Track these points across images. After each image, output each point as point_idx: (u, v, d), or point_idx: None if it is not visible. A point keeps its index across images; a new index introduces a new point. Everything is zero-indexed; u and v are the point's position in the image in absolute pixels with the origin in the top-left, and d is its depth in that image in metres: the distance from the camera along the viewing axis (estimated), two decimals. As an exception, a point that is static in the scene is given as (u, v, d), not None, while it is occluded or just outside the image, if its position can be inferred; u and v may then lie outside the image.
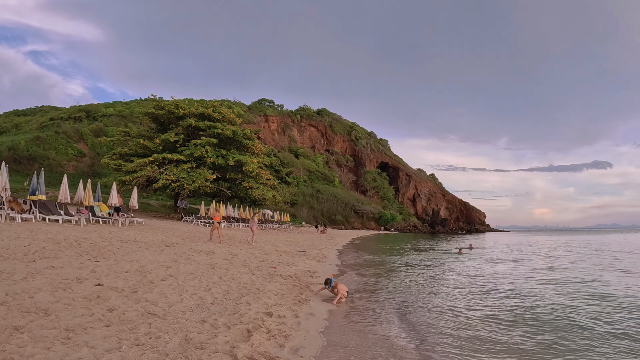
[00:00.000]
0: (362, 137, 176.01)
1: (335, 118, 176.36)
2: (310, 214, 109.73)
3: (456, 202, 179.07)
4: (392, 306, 12.45)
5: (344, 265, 23.72)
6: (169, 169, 48.04)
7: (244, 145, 56.72)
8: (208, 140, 50.18)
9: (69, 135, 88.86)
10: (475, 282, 18.24)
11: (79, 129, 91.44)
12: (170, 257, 16.10)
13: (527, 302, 13.40)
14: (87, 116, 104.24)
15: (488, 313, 11.78)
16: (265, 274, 15.06)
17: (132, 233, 23.85)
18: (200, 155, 49.60)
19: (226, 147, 55.08)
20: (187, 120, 52.01)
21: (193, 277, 12.44)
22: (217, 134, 52.30)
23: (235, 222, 52.80)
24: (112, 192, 31.45)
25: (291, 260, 21.20)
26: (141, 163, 47.56)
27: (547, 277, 19.98)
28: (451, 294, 14.95)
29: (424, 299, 13.84)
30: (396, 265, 25.01)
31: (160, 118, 55.45)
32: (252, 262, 18.13)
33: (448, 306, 12.63)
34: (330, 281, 12.46)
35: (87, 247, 15.68)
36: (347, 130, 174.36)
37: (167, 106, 53.59)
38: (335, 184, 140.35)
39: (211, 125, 52.23)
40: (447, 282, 17.96)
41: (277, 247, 28.63)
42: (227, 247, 22.93)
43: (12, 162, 68.24)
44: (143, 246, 18.50)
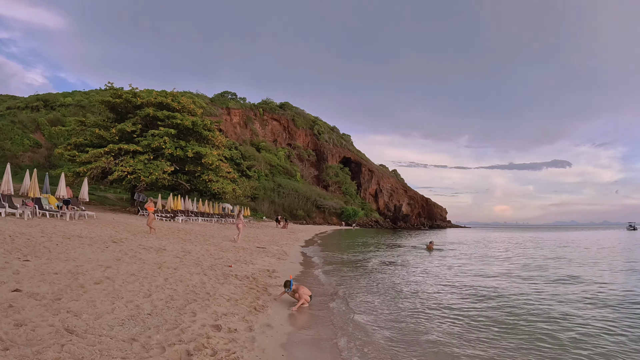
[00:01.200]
0: (325, 132, 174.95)
1: (297, 112, 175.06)
2: (271, 209, 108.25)
3: (418, 198, 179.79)
4: (363, 311, 11.24)
5: (307, 263, 22.39)
6: (125, 160, 46.12)
7: (204, 137, 54.86)
8: (166, 131, 48.33)
9: (25, 125, 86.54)
10: (453, 281, 17.29)
11: (36, 119, 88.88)
12: (113, 254, 14.60)
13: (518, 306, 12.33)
14: (44, 106, 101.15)
15: (479, 319, 10.71)
16: (218, 274, 13.70)
17: (79, 227, 22.13)
18: (158, 146, 47.73)
19: (185, 138, 53.22)
20: (145, 109, 50.14)
21: (134, 279, 11.00)
22: (176, 125, 50.44)
23: (194, 217, 51.03)
24: (61, 183, 29.56)
25: (249, 257, 19.82)
26: (96, 154, 45.52)
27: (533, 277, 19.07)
28: (426, 295, 13.79)
29: (396, 301, 12.67)
30: (365, 264, 23.88)
31: (117, 107, 53.30)
32: (206, 260, 16.72)
33: (425, 310, 11.49)
34: (289, 283, 11.23)
35: (21, 244, 14.06)
36: (310, 125, 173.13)
37: (124, 95, 51.52)
38: (297, 179, 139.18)
39: (170, 115, 50.39)
40: (423, 283, 16.83)
41: (236, 242, 27.21)
42: (181, 244, 21.43)
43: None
44: (87, 242, 16.91)
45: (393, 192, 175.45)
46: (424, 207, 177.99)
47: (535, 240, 59.77)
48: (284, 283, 11.40)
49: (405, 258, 28.51)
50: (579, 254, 33.65)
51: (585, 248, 42.23)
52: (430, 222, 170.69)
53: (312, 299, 11.59)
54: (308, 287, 12.39)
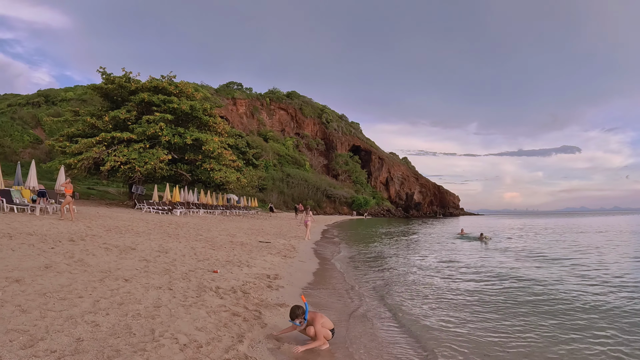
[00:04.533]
0: (333, 120, 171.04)
1: (305, 101, 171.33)
2: (280, 199, 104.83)
3: (430, 185, 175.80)
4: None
5: (322, 262, 17.99)
6: (118, 149, 42.26)
7: (204, 123, 50.61)
8: (162, 117, 44.19)
9: (26, 121, 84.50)
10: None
11: (36, 115, 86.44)
12: (50, 258, 10.53)
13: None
14: (45, 101, 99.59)
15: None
16: (192, 286, 9.49)
17: (42, 223, 18.10)
18: (153, 133, 43.66)
19: (184, 124, 49.04)
20: (140, 94, 46.04)
21: (40, 303, 6.86)
22: (173, 110, 46.19)
23: (195, 209, 47.25)
24: (31, 172, 25.62)
25: (246, 256, 15.58)
26: (87, 144, 41.62)
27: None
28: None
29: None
30: (398, 261, 19.52)
31: (110, 94, 49.21)
32: (185, 263, 12.57)
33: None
34: (303, 312, 6.94)
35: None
36: (318, 113, 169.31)
37: (117, 80, 47.48)
38: (306, 168, 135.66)
39: (166, 100, 46.20)
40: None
41: (234, 236, 23.03)
42: (161, 240, 17.30)
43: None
44: (32, 241, 12.91)
45: (404, 180, 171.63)
46: (435, 195, 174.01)
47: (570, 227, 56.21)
48: (291, 311, 6.99)
49: (467, 254, 24.12)
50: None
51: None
52: (442, 210, 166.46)
53: (333, 335, 7.34)
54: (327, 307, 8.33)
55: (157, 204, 41.81)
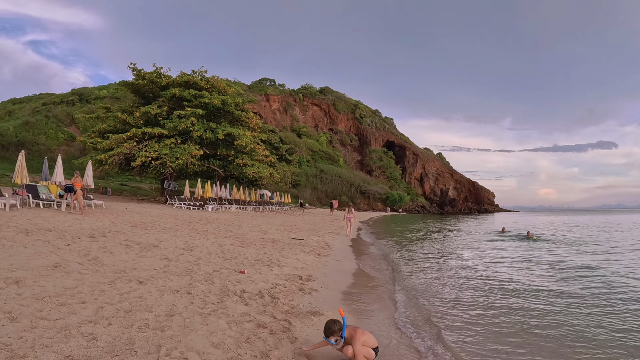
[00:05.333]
0: (367, 115, 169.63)
1: (338, 96, 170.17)
2: (313, 195, 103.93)
3: (464, 181, 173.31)
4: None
5: (359, 261, 16.71)
6: (149, 145, 41.69)
7: (237, 118, 49.82)
8: (193, 111, 43.50)
9: (60, 119, 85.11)
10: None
11: (70, 113, 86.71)
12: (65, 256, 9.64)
13: None
14: (79, 100, 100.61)
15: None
16: (214, 290, 8.43)
17: (65, 219, 17.32)
18: (185, 128, 43.02)
19: (216, 119, 48.32)
20: (171, 90, 45.45)
21: (34, 309, 5.86)
22: (205, 104, 45.51)
23: (228, 204, 46.46)
24: (57, 168, 24.94)
25: (277, 254, 14.49)
26: (118, 139, 41.20)
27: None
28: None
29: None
30: (444, 261, 18.15)
31: (141, 90, 48.86)
32: (210, 261, 11.55)
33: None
34: (341, 327, 5.74)
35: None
36: (351, 109, 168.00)
37: (147, 75, 46.93)
38: (340, 164, 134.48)
39: (197, 94, 45.55)
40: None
41: (266, 233, 21.98)
42: (188, 237, 16.34)
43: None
44: (49, 237, 12.06)
45: (439, 176, 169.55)
46: (470, 191, 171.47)
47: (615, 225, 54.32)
48: (326, 327, 5.78)
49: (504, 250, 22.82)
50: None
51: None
52: (477, 206, 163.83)
53: (379, 350, 6.17)
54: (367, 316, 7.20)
55: (188, 199, 41.06)
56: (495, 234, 35.70)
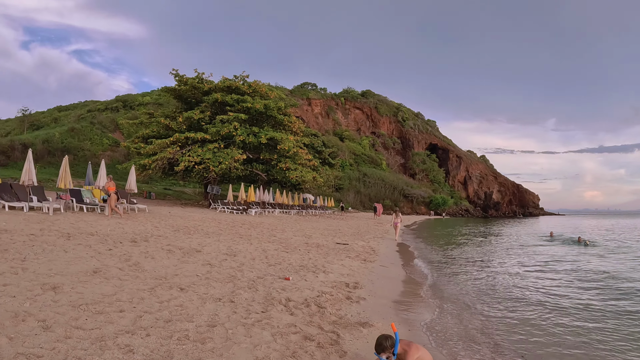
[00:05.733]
0: (409, 118, 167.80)
1: (380, 99, 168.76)
2: (357, 199, 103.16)
3: (508, 184, 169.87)
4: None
5: (408, 267, 16.13)
6: (192, 149, 41.84)
7: (279, 122, 49.75)
8: (236, 116, 43.45)
9: (105, 125, 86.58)
10: None
11: (115, 119, 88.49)
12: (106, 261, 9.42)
13: None
14: (123, 106, 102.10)
15: None
16: (259, 297, 8.07)
17: (108, 223, 17.23)
18: (228, 133, 43.05)
19: (259, 124, 48.25)
20: (213, 95, 45.59)
21: (66, 321, 5.51)
22: (247, 109, 45.45)
23: (271, 209, 46.31)
24: (101, 172, 25.01)
25: (322, 260, 14.05)
26: (161, 144, 41.57)
27: None
28: None
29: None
30: (496, 268, 17.44)
31: (184, 95, 49.21)
32: (254, 267, 11.20)
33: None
34: (393, 343, 5.14)
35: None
36: (393, 112, 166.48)
37: (190, 81, 47.19)
38: (383, 167, 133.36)
39: (239, 99, 45.49)
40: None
41: (310, 237, 21.59)
42: (231, 241, 16.03)
43: (46, 154, 66.94)
44: (91, 242, 11.90)
45: (482, 179, 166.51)
46: (515, 194, 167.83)
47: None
48: (378, 343, 5.17)
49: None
50: None
51: None
52: (522, 209, 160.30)
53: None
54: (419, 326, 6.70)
55: (231, 203, 41.04)
56: (544, 239, 34.61)
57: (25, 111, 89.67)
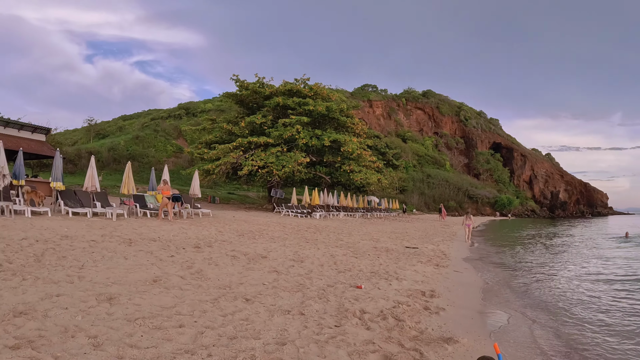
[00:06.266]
0: (472, 117, 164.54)
1: (441, 99, 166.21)
2: (421, 200, 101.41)
3: (575, 183, 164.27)
4: None
5: (480, 272, 15.00)
6: (255, 154, 41.75)
7: (342, 124, 49.29)
8: (298, 119, 43.23)
9: (168, 132, 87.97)
10: None
11: (178, 126, 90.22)
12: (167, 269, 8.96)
13: None
14: (186, 113, 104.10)
15: None
16: (331, 309, 7.37)
17: (169, 229, 16.90)
18: (290, 136, 42.84)
19: (321, 126, 47.96)
20: (274, 99, 45.47)
21: (120, 337, 4.89)
22: (309, 112, 45.19)
23: (335, 211, 45.72)
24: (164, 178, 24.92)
25: (394, 265, 13.23)
26: (224, 149, 41.73)
27: None
28: None
29: None
30: (583, 274, 16.05)
31: (245, 100, 49.46)
32: (323, 274, 10.55)
33: None
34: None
35: (41, 248, 9.09)
36: (455, 111, 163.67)
37: (250, 86, 47.22)
38: (447, 168, 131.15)
39: (301, 102, 45.26)
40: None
41: (378, 241, 20.81)
42: (297, 246, 15.44)
43: (112, 161, 68.61)
44: (153, 248, 11.55)
45: (548, 178, 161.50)
46: (582, 192, 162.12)
47: None
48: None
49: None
50: None
51: None
52: (589, 209, 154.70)
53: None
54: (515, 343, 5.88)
55: (295, 207, 40.69)
56: (619, 240, 32.69)
57: (91, 121, 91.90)
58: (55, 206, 20.04)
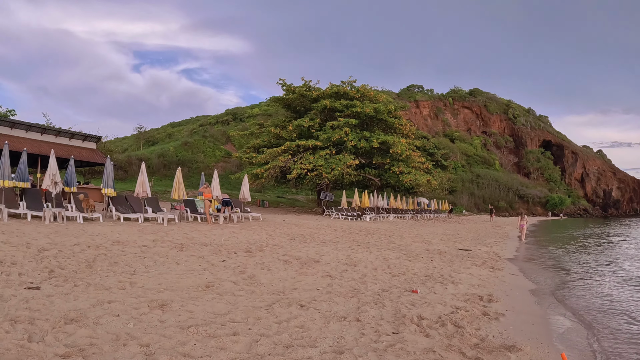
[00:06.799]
0: (520, 115, 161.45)
1: (489, 97, 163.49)
2: (471, 201, 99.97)
3: (628, 180, 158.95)
4: None
5: (537, 276, 14.37)
6: (304, 157, 41.82)
7: (390, 125, 48.86)
8: (346, 121, 43.11)
9: (216, 138, 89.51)
10: None
11: (226, 132, 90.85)
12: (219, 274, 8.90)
13: None
14: (233, 119, 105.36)
15: None
16: (387, 315, 7.13)
17: (220, 233, 16.93)
18: (339, 139, 42.79)
19: (369, 128, 47.75)
20: (322, 102, 45.43)
21: (172, 346, 4.77)
22: (357, 114, 44.98)
23: (385, 214, 45.34)
24: (214, 182, 25.05)
25: (448, 268, 12.88)
26: (273, 153, 41.98)
27: None
28: None
29: None
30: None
31: (292, 104, 49.83)
32: (377, 278, 10.29)
33: None
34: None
35: (87, 256, 9.14)
36: (503, 109, 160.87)
37: (297, 89, 47.30)
38: (496, 167, 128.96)
39: (349, 104, 45.09)
40: None
41: (430, 243, 20.44)
42: (349, 250, 15.22)
43: (162, 167, 70.08)
44: (207, 252, 11.54)
45: (600, 176, 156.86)
46: (635, 190, 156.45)
47: None
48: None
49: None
50: None
51: None
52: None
53: None
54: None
55: (345, 209, 40.56)
56: None
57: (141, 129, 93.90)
58: (107, 212, 20.35)
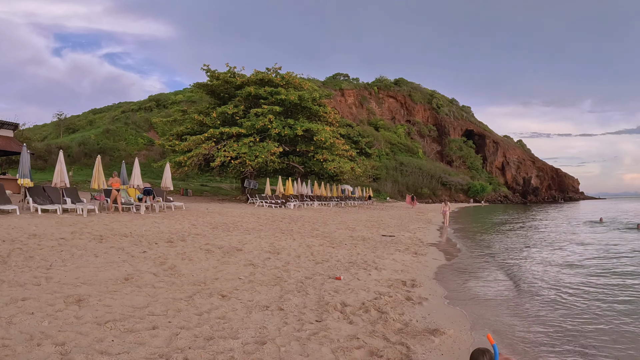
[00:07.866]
0: (444, 105, 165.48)
1: (414, 87, 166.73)
2: (394, 188, 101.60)
3: (547, 169, 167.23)
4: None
5: (462, 261, 14.59)
6: (228, 144, 41.22)
7: (314, 113, 48.92)
8: (270, 109, 42.73)
9: (139, 125, 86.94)
10: None
11: (149, 119, 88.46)
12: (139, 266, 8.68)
13: None
14: (157, 105, 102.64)
15: None
16: (311, 303, 7.15)
17: (141, 223, 16.50)
18: (263, 126, 42.38)
19: (294, 116, 47.50)
20: (246, 88, 44.90)
21: (89, 343, 4.56)
22: (281, 101, 44.73)
23: (309, 201, 45.45)
24: (135, 171, 24.34)
25: (372, 255, 13.04)
26: (196, 140, 41.13)
27: None
28: None
29: None
30: (567, 259, 16.04)
31: (216, 90, 48.86)
32: (301, 266, 10.32)
33: None
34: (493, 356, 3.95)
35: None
36: (428, 99, 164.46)
37: (222, 75, 46.58)
38: (419, 156, 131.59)
39: (273, 92, 44.75)
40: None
41: (354, 230, 20.63)
42: (273, 237, 15.17)
43: (82, 156, 67.02)
44: (127, 243, 11.15)
45: (520, 164, 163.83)
46: (553, 178, 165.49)
47: None
48: (473, 358, 3.53)
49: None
50: None
51: None
52: (561, 194, 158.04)
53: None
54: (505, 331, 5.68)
55: (269, 197, 40.29)
56: (594, 225, 32.86)
57: (61, 115, 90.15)
58: (23, 204, 19.48)
